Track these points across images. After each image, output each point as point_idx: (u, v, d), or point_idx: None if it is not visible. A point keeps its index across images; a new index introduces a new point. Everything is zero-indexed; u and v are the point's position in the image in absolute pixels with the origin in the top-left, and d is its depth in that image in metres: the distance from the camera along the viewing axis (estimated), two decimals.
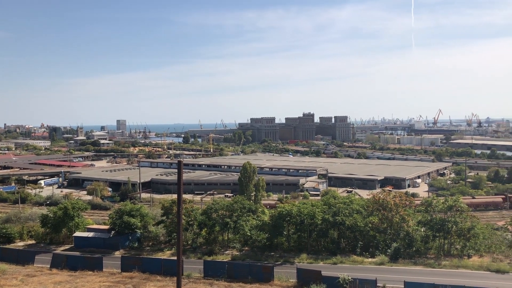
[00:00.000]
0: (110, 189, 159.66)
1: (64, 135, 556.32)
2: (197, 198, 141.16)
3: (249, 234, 76.07)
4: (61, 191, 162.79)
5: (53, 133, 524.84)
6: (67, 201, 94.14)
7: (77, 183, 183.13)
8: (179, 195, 40.44)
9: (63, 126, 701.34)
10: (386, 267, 64.56)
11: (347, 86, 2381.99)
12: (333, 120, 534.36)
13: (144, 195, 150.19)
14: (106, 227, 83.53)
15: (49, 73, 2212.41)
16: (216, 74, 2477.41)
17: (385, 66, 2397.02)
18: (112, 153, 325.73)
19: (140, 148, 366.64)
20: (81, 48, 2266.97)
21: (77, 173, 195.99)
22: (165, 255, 73.43)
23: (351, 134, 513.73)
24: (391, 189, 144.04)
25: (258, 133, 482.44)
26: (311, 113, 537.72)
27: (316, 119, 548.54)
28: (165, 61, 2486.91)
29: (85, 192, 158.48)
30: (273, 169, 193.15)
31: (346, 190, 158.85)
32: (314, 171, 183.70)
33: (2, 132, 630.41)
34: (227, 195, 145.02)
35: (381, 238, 72.70)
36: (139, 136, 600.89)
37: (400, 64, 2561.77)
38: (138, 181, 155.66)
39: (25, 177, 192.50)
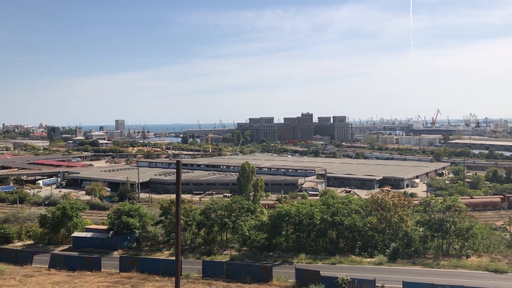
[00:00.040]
0: (108, 189, 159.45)
1: (63, 135, 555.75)
2: (196, 198, 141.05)
3: (248, 234, 76.10)
4: (60, 191, 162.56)
5: (52, 133, 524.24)
6: (66, 201, 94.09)
7: (75, 183, 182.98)
8: (177, 195, 40.41)
9: (61, 126, 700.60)
10: (384, 267, 64.66)
11: (346, 86, 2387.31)
12: (332, 120, 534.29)
13: (143, 195, 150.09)
14: (104, 227, 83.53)
15: (48, 73, 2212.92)
16: (215, 74, 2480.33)
17: (384, 66, 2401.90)
18: (111, 153, 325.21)
19: (139, 148, 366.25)
20: (79, 48, 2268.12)
21: (76, 173, 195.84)
22: (164, 255, 73.43)
23: (349, 134, 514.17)
24: (389, 189, 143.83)
25: (257, 133, 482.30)
26: (310, 113, 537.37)
27: (315, 119, 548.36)
28: (164, 61, 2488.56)
29: (83, 192, 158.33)
30: (272, 169, 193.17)
31: (344, 190, 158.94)
32: (313, 171, 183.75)
33: (0, 132, 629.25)
34: (226, 195, 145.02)
35: (379, 238, 72.81)
36: (137, 136, 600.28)
37: (399, 64, 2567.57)
38: (137, 181, 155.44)
39: (24, 177, 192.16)
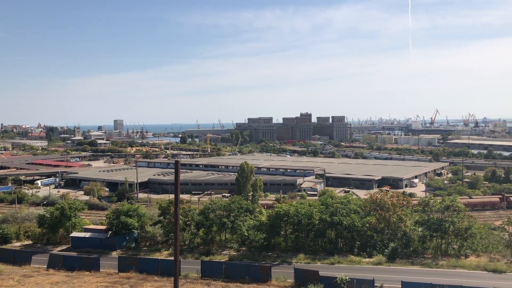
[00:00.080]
0: (107, 189, 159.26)
1: (61, 135, 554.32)
2: (195, 198, 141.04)
3: (247, 234, 76.05)
4: (58, 191, 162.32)
5: (50, 133, 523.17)
6: (64, 201, 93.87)
7: (74, 183, 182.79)
8: (176, 195, 40.29)
9: (60, 126, 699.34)
10: (383, 267, 64.66)
11: (345, 86, 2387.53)
12: (331, 120, 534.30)
13: (141, 195, 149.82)
14: (103, 227, 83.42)
15: (46, 73, 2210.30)
16: (215, 74, 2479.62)
17: (383, 66, 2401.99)
18: (109, 153, 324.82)
19: (137, 148, 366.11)
20: (78, 48, 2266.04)
21: (74, 173, 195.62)
22: (162, 255, 73.34)
23: (348, 134, 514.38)
24: (388, 189, 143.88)
25: (256, 133, 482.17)
26: (309, 113, 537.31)
27: (314, 119, 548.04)
28: (163, 61, 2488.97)
29: (82, 192, 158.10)
30: (271, 169, 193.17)
31: (343, 190, 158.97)
32: (312, 171, 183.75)
33: None
34: (225, 195, 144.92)
35: (378, 238, 72.83)
36: (136, 136, 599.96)
37: (398, 65, 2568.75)
38: (135, 181, 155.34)
39: (22, 177, 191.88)
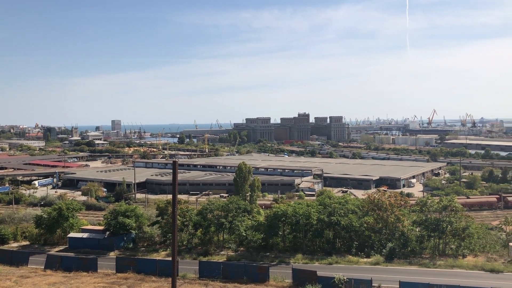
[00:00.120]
0: (105, 189, 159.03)
1: (59, 136, 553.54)
2: (192, 198, 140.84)
3: (245, 234, 75.94)
4: (56, 192, 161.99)
5: (48, 133, 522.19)
6: (62, 202, 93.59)
7: (71, 183, 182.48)
8: (174, 195, 40.22)
9: (57, 126, 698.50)
10: (381, 267, 64.69)
11: (344, 86, 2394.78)
12: (328, 120, 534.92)
13: (139, 195, 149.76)
14: (100, 227, 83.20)
15: (44, 73, 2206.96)
16: (214, 74, 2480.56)
17: (382, 66, 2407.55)
18: (107, 154, 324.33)
19: (135, 148, 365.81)
20: (78, 48, 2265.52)
21: (72, 173, 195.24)
22: (160, 255, 73.21)
23: (346, 134, 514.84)
24: (386, 189, 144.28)
25: (254, 133, 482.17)
26: (306, 113, 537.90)
27: (311, 119, 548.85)
28: (162, 61, 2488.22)
29: (79, 193, 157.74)
30: (269, 169, 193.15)
31: (341, 190, 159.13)
32: (309, 171, 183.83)
33: None
34: (223, 196, 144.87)
35: (376, 238, 72.83)
36: (134, 136, 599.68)
37: (397, 65, 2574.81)
38: (133, 182, 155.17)
39: (19, 178, 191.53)
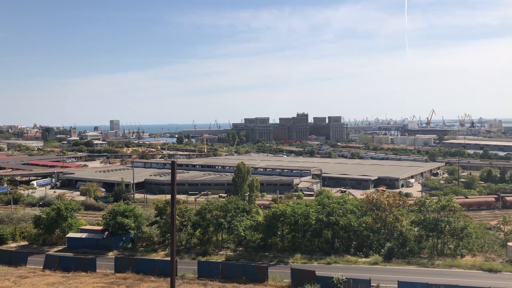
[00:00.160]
0: (103, 189, 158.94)
1: (57, 136, 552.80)
2: (191, 198, 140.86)
3: (243, 234, 75.97)
4: (54, 192, 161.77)
5: (46, 133, 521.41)
6: (60, 202, 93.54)
7: (70, 183, 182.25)
8: (173, 195, 40.27)
9: (56, 126, 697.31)
10: (380, 267, 64.78)
11: (343, 86, 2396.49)
12: (327, 120, 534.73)
13: (138, 195, 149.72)
14: (99, 228, 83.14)
15: (44, 73, 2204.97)
16: (213, 74, 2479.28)
17: (380, 66, 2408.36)
18: (106, 154, 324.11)
19: (134, 148, 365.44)
20: (78, 48, 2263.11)
21: (70, 173, 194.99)
22: (159, 255, 73.20)
23: (344, 134, 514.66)
24: (384, 189, 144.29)
25: (252, 133, 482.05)
26: (305, 113, 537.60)
27: (310, 120, 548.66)
28: (162, 61, 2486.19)
29: (78, 193, 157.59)
30: (267, 169, 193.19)
31: (340, 190, 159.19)
32: (308, 171, 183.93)
33: None
34: (221, 196, 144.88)
35: (374, 238, 72.93)
36: (132, 136, 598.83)
37: (396, 65, 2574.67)
38: (132, 182, 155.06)
39: (18, 178, 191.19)
